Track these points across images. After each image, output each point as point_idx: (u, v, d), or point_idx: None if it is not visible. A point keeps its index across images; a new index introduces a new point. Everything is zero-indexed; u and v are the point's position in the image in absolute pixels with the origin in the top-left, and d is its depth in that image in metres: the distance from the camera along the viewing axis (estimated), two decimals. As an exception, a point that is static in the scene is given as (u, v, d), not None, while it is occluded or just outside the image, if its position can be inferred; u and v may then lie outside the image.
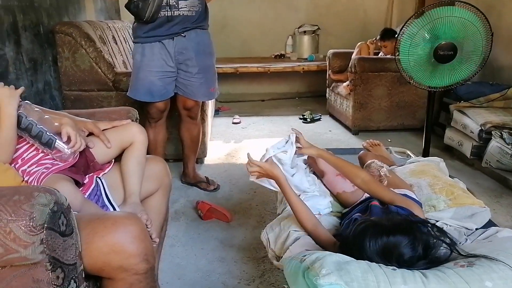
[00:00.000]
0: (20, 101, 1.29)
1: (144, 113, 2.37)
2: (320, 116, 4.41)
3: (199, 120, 2.63)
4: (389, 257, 1.04)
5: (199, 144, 2.73)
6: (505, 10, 3.45)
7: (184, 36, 2.23)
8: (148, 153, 2.47)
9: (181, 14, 2.17)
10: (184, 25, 2.21)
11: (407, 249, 1.04)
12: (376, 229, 1.08)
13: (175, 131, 2.93)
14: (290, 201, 1.41)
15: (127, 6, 2.18)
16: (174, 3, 2.14)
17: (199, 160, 3.13)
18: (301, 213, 1.39)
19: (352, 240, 1.12)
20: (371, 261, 1.02)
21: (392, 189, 1.53)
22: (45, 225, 0.83)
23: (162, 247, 1.69)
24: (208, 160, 3.16)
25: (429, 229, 1.09)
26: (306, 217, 1.38)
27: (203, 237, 2.11)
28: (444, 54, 2.54)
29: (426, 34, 2.50)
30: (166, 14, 2.15)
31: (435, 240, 1.07)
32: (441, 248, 1.08)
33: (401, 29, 2.60)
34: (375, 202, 1.42)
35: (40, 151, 1.35)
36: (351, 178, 1.48)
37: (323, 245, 1.31)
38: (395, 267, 0.99)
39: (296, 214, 1.40)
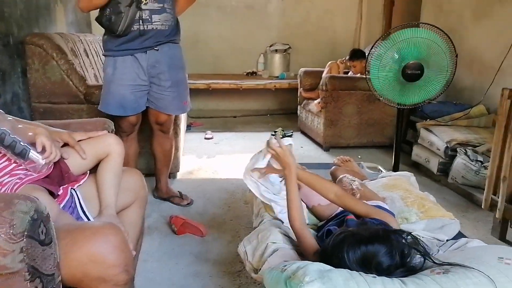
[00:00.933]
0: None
1: (115, 127, 2.32)
2: (292, 132, 4.42)
3: (171, 134, 2.61)
4: (368, 266, 1.06)
5: (172, 158, 2.71)
6: (466, 34, 3.63)
7: (157, 49, 2.22)
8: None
9: (154, 28, 2.16)
10: (157, 39, 2.20)
11: (385, 258, 1.07)
12: (354, 238, 1.11)
13: (147, 145, 2.89)
14: (291, 195, 1.41)
15: (98, 20, 2.15)
16: (148, 17, 2.13)
17: (172, 175, 3.10)
18: (296, 210, 1.39)
19: (331, 250, 1.13)
20: (351, 270, 1.03)
21: (365, 201, 1.58)
22: (25, 233, 0.80)
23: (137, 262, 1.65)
24: (181, 175, 3.13)
25: (404, 238, 1.13)
26: (299, 216, 1.39)
27: (177, 252, 2.08)
28: (411, 73, 2.65)
29: (395, 54, 2.61)
30: (139, 28, 2.13)
31: (410, 249, 1.10)
32: (416, 257, 1.12)
33: (370, 50, 2.71)
34: (351, 216, 1.44)
35: (12, 161, 1.31)
36: (324, 194, 1.49)
37: (305, 249, 1.32)
38: (375, 275, 1.01)
39: (291, 209, 1.40)
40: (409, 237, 1.14)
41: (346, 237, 1.12)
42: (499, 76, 3.13)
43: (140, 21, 2.12)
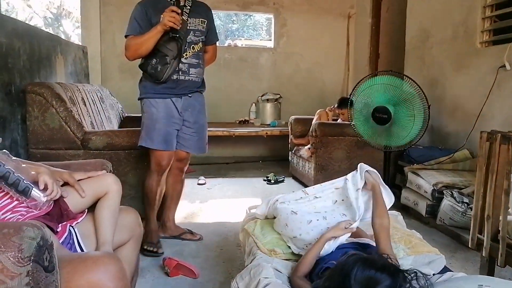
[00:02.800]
0: (-2, 150, 1.33)
1: (152, 166, 2.59)
2: (284, 178, 4.55)
3: (184, 175, 2.81)
4: None
5: (180, 198, 2.86)
6: (448, 84, 3.83)
7: (191, 96, 2.54)
8: (148, 202, 2.65)
9: (190, 79, 2.49)
10: (191, 88, 2.52)
11: None
12: (367, 261, 1.17)
13: (140, 190, 2.96)
14: (315, 250, 1.54)
15: (142, 68, 2.44)
16: (186, 70, 2.46)
17: (165, 220, 3.12)
18: (310, 263, 1.51)
19: (341, 265, 1.19)
20: None
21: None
22: (32, 258, 0.86)
23: (131, 301, 1.67)
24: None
25: (409, 279, 1.18)
26: (309, 267, 1.50)
27: (170, 294, 2.08)
28: (379, 117, 2.79)
29: (364, 99, 2.76)
30: (178, 78, 2.45)
31: None
32: None
33: (350, 95, 2.86)
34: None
35: (14, 199, 1.37)
36: (383, 214, 1.60)
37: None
38: None
39: (307, 259, 1.53)
40: (414, 279, 1.19)
41: (360, 258, 1.19)
42: (480, 121, 3.29)
43: (180, 72, 2.44)
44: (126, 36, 2.42)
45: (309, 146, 4.07)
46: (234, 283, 1.59)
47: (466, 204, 2.78)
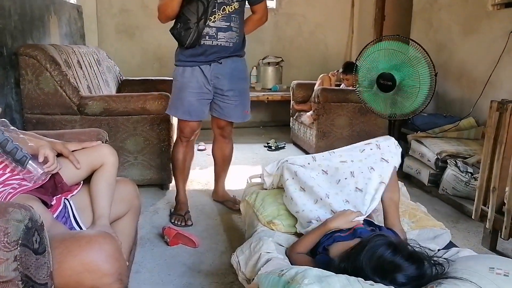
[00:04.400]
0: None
1: (177, 133, 2.59)
2: (284, 144, 4.49)
3: (231, 138, 2.74)
4: (387, 274, 1.07)
5: (230, 163, 2.83)
6: (455, 49, 3.71)
7: (221, 63, 2.37)
8: (174, 171, 2.63)
9: (219, 44, 2.32)
10: (221, 54, 2.35)
11: (405, 278, 1.08)
12: (395, 247, 1.13)
13: (140, 156, 2.91)
14: (315, 236, 1.49)
15: (171, 32, 2.31)
16: (214, 34, 2.29)
17: (164, 186, 3.10)
18: (308, 245, 1.47)
19: (364, 246, 1.15)
20: (363, 271, 1.05)
21: None
22: (20, 242, 0.81)
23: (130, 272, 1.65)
24: (173, 186, 3.11)
25: (435, 271, 1.13)
26: (307, 249, 1.47)
27: (170, 263, 2.07)
28: (384, 83, 2.69)
29: (377, 62, 2.65)
30: (205, 43, 2.30)
31: (430, 279, 1.10)
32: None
33: (356, 60, 2.75)
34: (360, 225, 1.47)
35: (7, 170, 1.32)
36: (395, 189, 1.59)
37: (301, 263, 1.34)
38: (373, 283, 1.02)
39: (306, 241, 1.49)
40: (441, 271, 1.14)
41: (388, 242, 1.14)
42: (488, 89, 3.19)
43: (207, 36, 2.29)
44: None
45: (311, 112, 3.99)
46: (235, 256, 1.56)
47: (470, 174, 2.73)
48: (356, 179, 1.61)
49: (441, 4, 3.90)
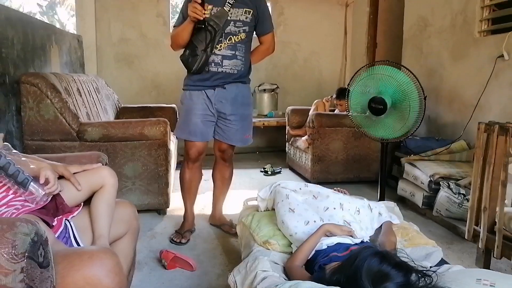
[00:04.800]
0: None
1: (184, 156, 2.68)
2: (281, 169, 4.54)
3: (231, 162, 2.82)
4: (377, 283, 1.10)
5: (229, 187, 2.89)
6: (445, 74, 3.82)
7: (225, 88, 2.50)
8: (182, 191, 2.72)
9: (223, 71, 2.46)
10: (226, 79, 2.49)
11: (394, 286, 1.11)
12: (384, 256, 1.17)
13: (138, 181, 2.95)
14: (313, 239, 1.55)
15: (181, 58, 2.47)
16: (219, 61, 2.43)
17: (161, 211, 3.13)
18: (308, 251, 1.52)
19: (354, 257, 1.19)
20: (355, 282, 1.09)
21: None
22: (26, 254, 0.84)
23: (128, 294, 1.67)
24: (171, 211, 3.16)
25: (423, 278, 1.16)
26: (306, 255, 1.51)
27: (168, 287, 2.08)
28: (375, 107, 2.77)
29: (363, 88, 2.74)
30: (211, 70, 2.44)
31: None
32: None
33: (348, 85, 2.84)
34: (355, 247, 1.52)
35: (10, 192, 1.36)
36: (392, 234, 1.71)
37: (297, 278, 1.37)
38: None
39: (305, 247, 1.54)
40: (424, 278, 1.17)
41: (376, 252, 1.19)
42: (477, 112, 3.28)
43: (212, 63, 2.43)
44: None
45: (306, 137, 4.06)
46: (231, 276, 1.59)
47: (462, 196, 2.78)
48: (344, 212, 1.70)
49: (431, 32, 4.04)
